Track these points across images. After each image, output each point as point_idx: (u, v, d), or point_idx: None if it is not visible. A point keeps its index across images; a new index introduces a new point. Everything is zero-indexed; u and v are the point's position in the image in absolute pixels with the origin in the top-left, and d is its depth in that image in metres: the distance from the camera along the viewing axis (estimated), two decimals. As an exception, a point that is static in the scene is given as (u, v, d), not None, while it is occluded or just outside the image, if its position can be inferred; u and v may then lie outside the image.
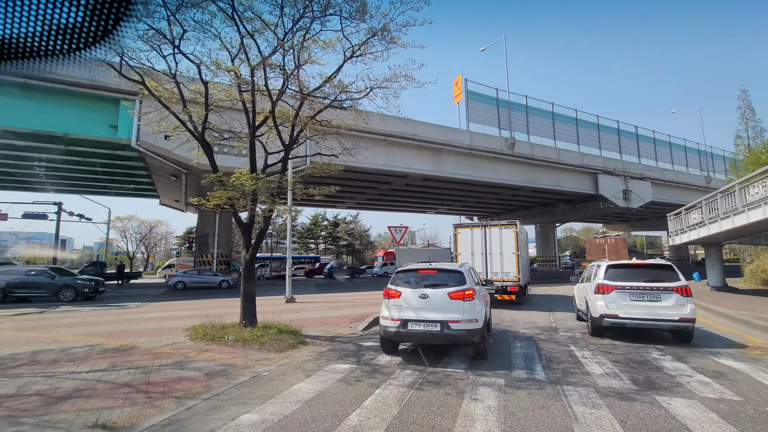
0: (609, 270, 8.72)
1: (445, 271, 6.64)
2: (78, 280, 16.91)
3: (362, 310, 11.72)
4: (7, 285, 15.46)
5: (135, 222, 37.62)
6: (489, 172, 27.97)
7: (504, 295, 13.56)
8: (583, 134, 31.95)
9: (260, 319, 8.72)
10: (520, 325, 9.92)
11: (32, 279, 15.91)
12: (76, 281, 16.74)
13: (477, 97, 27.60)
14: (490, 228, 13.93)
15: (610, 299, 8.34)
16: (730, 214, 12.79)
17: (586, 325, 9.49)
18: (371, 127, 23.51)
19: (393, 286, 6.52)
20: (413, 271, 6.68)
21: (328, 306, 12.79)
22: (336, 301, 14.61)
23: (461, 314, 5.94)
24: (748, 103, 27.83)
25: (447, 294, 6.09)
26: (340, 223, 51.14)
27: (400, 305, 6.22)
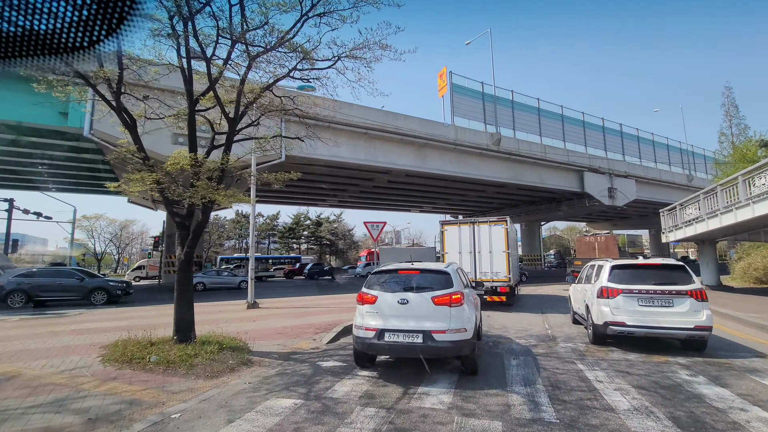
0: (613, 271, 7.47)
1: (429, 271, 5.70)
2: (110, 282, 16.29)
3: (334, 316, 10.20)
4: (32, 288, 14.15)
5: (103, 221, 35.20)
6: (474, 169, 26.79)
7: (494, 296, 12.49)
8: (568, 131, 31.15)
9: (205, 331, 7.16)
10: (513, 332, 8.60)
11: (61, 281, 14.93)
12: (108, 283, 16.09)
13: (462, 90, 26.41)
14: (479, 225, 12.81)
15: (615, 304, 7.11)
16: (732, 208, 11.77)
17: (587, 333, 8.23)
18: (351, 119, 22.14)
19: (368, 289, 5.58)
20: (392, 272, 5.76)
21: (296, 312, 11.22)
22: (308, 305, 13.05)
23: (447, 323, 5.04)
24: (732, 100, 27.42)
25: (431, 299, 5.20)
26: (323, 222, 49.43)
27: (376, 312, 5.31)
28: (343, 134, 22.12)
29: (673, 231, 15.77)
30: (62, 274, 15.54)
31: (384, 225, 11.59)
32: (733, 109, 27.45)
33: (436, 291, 5.29)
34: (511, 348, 6.93)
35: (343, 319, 9.42)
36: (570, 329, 9.01)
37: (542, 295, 17.52)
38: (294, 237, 49.40)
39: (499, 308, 12.83)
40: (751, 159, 22.92)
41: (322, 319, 9.63)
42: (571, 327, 9.35)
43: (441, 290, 5.29)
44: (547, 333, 8.56)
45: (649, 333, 6.85)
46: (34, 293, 14.16)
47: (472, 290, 7.02)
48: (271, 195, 32.50)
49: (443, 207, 41.23)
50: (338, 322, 9.06)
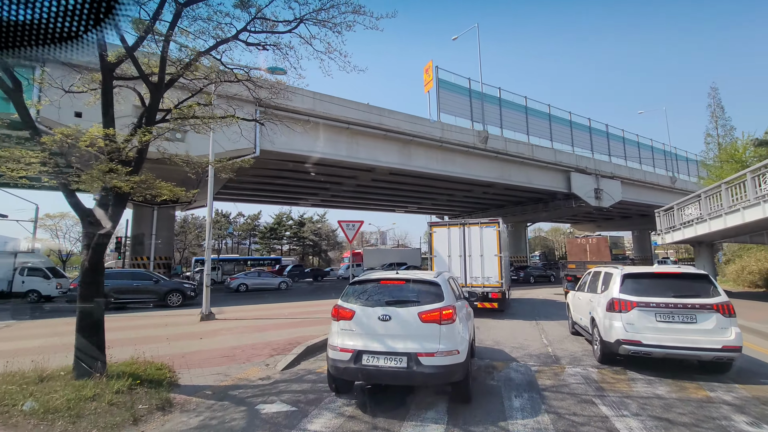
0: (626, 281, 6.24)
1: (417, 282, 4.88)
2: (185, 284, 16.51)
3: (301, 330, 8.70)
4: (110, 290, 13.33)
5: (69, 220, 32.78)
6: (461, 167, 25.63)
7: (485, 302, 11.46)
8: (555, 131, 30.35)
9: (128, 354, 5.62)
10: (508, 349, 7.31)
11: (138, 283, 14.99)
12: (183, 285, 16.26)
13: (449, 86, 25.22)
14: (469, 227, 11.78)
15: (629, 320, 5.91)
16: (738, 207, 10.76)
17: (592, 349, 6.99)
18: (331, 112, 20.64)
19: (344, 302, 4.77)
20: (373, 281, 4.98)
21: (257, 325, 9.58)
22: (275, 315, 11.45)
23: (436, 343, 4.29)
24: (718, 101, 26.91)
25: (417, 315, 4.43)
26: (306, 222, 47.63)
27: (353, 330, 4.52)
28: (324, 129, 20.63)
29: (670, 233, 14.80)
30: (138, 277, 15.46)
31: (361, 224, 10.18)
32: (719, 110, 26.99)
33: (424, 305, 4.49)
34: (508, 375, 5.58)
35: (309, 335, 7.95)
36: (572, 345, 7.75)
37: (533, 300, 16.38)
38: (276, 237, 47.42)
39: (491, 315, 11.74)
40: (739, 159, 22.35)
41: (285, 335, 8.11)
42: (572, 341, 8.10)
43: (430, 304, 4.49)
44: (548, 351, 7.27)
45: (670, 354, 5.65)
46: (113, 296, 13.65)
47: (464, 301, 6.08)
48: (248, 193, 30.76)
49: (429, 207, 40.09)
50: (302, 338, 7.58)
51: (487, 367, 6.08)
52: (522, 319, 11.51)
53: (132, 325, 9.75)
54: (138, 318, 11.11)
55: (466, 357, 4.43)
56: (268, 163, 22.53)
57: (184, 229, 45.82)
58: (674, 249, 68.25)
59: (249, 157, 18.98)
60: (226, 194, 31.12)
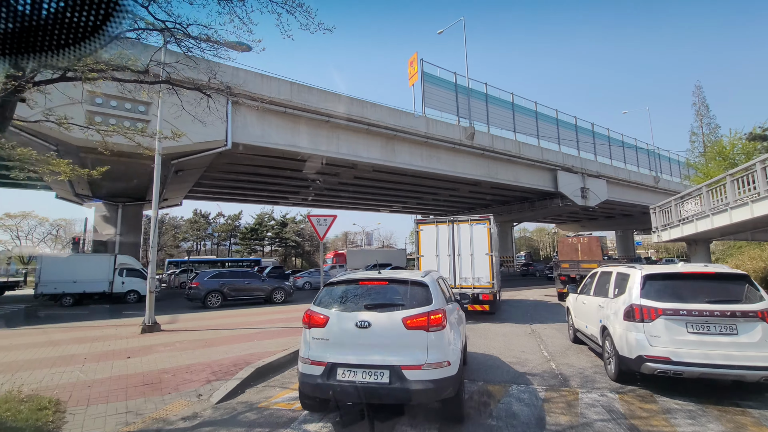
0: (647, 283, 5.07)
1: (401, 282, 4.29)
2: (286, 283, 17.88)
3: (257, 345, 7.28)
4: (228, 289, 15.40)
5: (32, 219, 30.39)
6: (447, 165, 24.50)
7: (475, 305, 10.44)
8: (542, 129, 29.60)
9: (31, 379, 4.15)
10: (505, 365, 6.08)
11: (248, 282, 16.38)
12: (284, 283, 17.54)
13: (434, 80, 24.09)
14: (458, 224, 10.80)
15: (653, 331, 4.76)
16: (747, 200, 9.83)
17: (604, 365, 5.82)
18: (310, 104, 19.18)
19: (317, 307, 4.18)
20: (351, 282, 4.38)
21: (207, 337, 7.97)
22: (236, 324, 9.89)
23: (424, 354, 3.72)
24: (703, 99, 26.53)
25: (401, 321, 3.83)
26: (288, 222, 45.81)
27: (327, 339, 3.92)
28: (303, 121, 19.15)
29: (667, 230, 13.90)
30: (248, 276, 16.98)
31: (333, 219, 8.84)
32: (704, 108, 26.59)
33: (410, 309, 3.91)
34: (510, 411, 4.28)
35: (266, 351, 6.56)
36: (578, 358, 6.57)
37: (524, 301, 15.33)
38: (257, 239, 45.46)
39: (481, 318, 10.71)
40: (727, 156, 21.84)
41: (236, 351, 6.68)
42: (576, 353, 6.94)
43: (416, 308, 3.91)
44: (551, 367, 6.06)
45: (706, 374, 4.51)
46: (229, 293, 15.43)
47: (455, 303, 5.41)
48: (224, 190, 29.04)
49: (414, 207, 38.96)
50: (255, 356, 6.18)
51: (482, 394, 4.82)
52: (515, 322, 10.46)
53: (58, 339, 8.14)
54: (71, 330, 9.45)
55: (458, 369, 3.84)
56: (243, 158, 20.97)
57: (161, 229, 43.54)
58: (655, 249, 68.87)
59: (219, 150, 17.54)
60: (201, 192, 29.30)
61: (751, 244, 16.06)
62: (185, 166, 19.14)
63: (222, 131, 16.91)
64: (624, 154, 36.14)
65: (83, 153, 15.98)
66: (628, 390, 4.95)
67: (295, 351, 6.59)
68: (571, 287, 7.78)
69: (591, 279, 7.07)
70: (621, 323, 5.10)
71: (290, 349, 6.61)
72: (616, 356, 5.21)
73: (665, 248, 64.90)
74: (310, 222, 8.68)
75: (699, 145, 26.10)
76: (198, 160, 18.11)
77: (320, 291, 4.37)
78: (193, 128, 16.24)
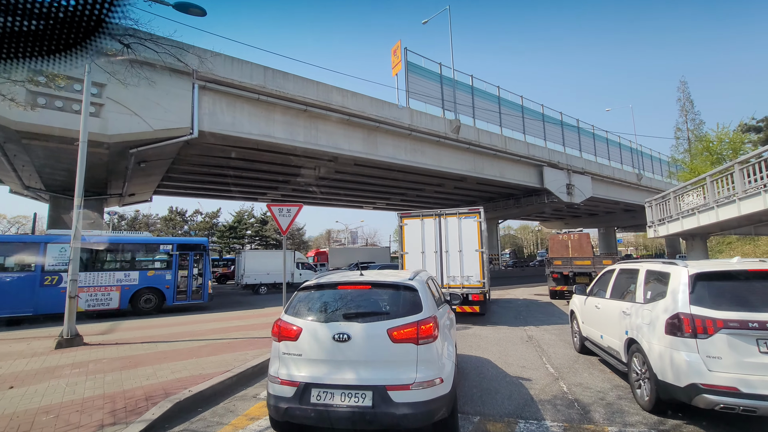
0: (699, 284, 3.82)
1: (387, 286, 3.64)
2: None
3: (196, 363, 5.79)
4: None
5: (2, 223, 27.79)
6: (431, 159, 23.25)
7: (465, 306, 9.39)
8: (528, 124, 28.73)
9: None
10: (503, 384, 4.78)
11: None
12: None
13: (418, 70, 22.79)
14: (446, 218, 9.74)
15: (713, 350, 3.50)
16: (759, 190, 8.82)
17: (631, 389, 4.57)
18: (285, 91, 17.56)
19: (289, 316, 3.55)
20: (328, 287, 3.71)
21: (136, 354, 6.36)
22: (181, 335, 8.10)
23: (412, 371, 3.18)
24: (688, 95, 26.06)
25: (386, 332, 3.27)
26: (268, 220, 43.85)
27: (299, 354, 3.34)
28: (278, 110, 17.53)
29: (665, 224, 12.92)
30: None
31: (299, 209, 7.39)
32: (689, 104, 26.15)
33: (396, 319, 3.35)
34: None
35: (202, 374, 5.08)
36: (591, 375, 5.34)
37: (514, 301, 14.21)
38: (236, 237, 43.36)
39: (471, 320, 9.66)
40: (714, 151, 21.27)
41: (164, 374, 5.15)
42: (586, 366, 5.70)
43: (403, 317, 3.35)
44: (561, 388, 4.81)
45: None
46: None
47: (446, 305, 4.86)
48: (196, 186, 27.13)
49: (398, 203, 37.70)
50: (183, 383, 4.71)
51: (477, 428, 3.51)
52: (508, 325, 9.33)
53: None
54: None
55: (451, 385, 3.37)
56: (215, 149, 19.23)
57: (133, 227, 41.00)
58: (634, 246, 69.49)
59: (184, 139, 15.73)
60: (173, 187, 27.30)
61: (743, 240, 15.29)
62: (147, 157, 17.29)
63: (187, 118, 15.16)
64: (608, 151, 35.72)
65: (25, 139, 14.00)
66: (670, 427, 3.70)
67: (242, 372, 5.15)
68: (578, 288, 6.56)
69: (605, 278, 5.85)
70: (661, 338, 3.85)
71: (234, 370, 5.17)
72: (652, 381, 3.97)
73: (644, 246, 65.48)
74: (271, 212, 7.21)
75: (684, 141, 25.60)
76: (162, 150, 16.30)
77: (293, 297, 3.76)
78: (153, 113, 14.48)
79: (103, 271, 13.17)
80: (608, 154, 35.70)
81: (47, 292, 11.30)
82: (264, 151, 19.62)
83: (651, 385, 4.01)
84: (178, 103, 14.67)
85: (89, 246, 12.68)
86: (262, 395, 4.67)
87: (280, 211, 7.15)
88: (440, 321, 3.75)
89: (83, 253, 12.91)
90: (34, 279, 11.41)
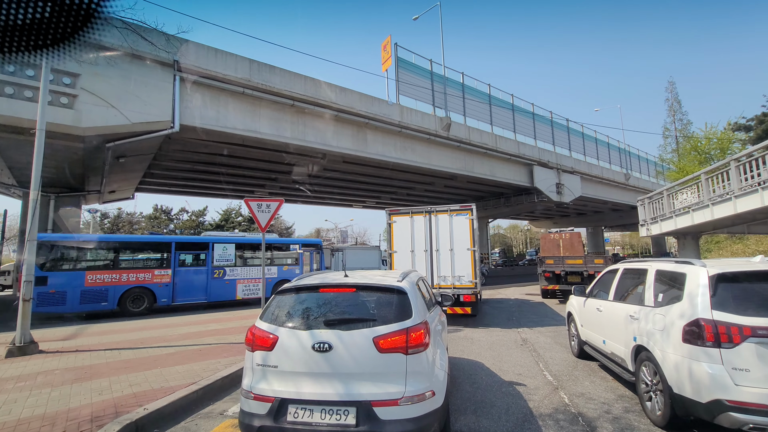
0: (721, 287, 3.38)
1: (372, 290, 3.28)
2: None
3: (159, 375, 5.20)
4: None
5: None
6: (422, 157, 22.81)
7: (456, 307, 8.92)
8: (518, 122, 28.51)
9: None
10: (498, 395, 4.30)
11: None
12: None
13: (409, 66, 22.32)
14: (436, 215, 9.30)
15: (739, 362, 3.06)
16: (758, 187, 8.55)
17: (640, 401, 4.15)
18: (272, 85, 16.89)
19: (264, 323, 3.18)
20: (309, 290, 3.33)
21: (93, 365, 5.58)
22: (149, 341, 7.52)
23: (401, 384, 2.84)
24: (676, 95, 26.14)
25: (372, 341, 2.93)
26: (258, 219, 42.96)
27: (275, 366, 2.98)
28: (264, 104, 16.87)
29: (657, 222, 12.67)
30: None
31: (280, 204, 6.81)
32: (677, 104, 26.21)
33: (383, 326, 2.99)
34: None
35: (163, 387, 4.51)
36: (592, 384, 4.91)
37: (506, 301, 13.85)
38: (224, 235, 42.51)
39: (461, 322, 9.25)
40: (703, 151, 21.26)
41: (117, 388, 4.54)
42: (586, 373, 5.28)
43: (392, 324, 3.00)
44: (562, 399, 4.37)
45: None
46: None
47: (437, 307, 4.56)
48: (180, 183, 26.27)
49: (388, 202, 37.22)
50: (140, 399, 4.13)
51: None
52: (501, 327, 8.93)
53: None
54: None
55: (444, 398, 3.03)
56: (198, 145, 18.47)
57: (116, 225, 39.68)
58: (621, 245, 70.24)
59: (165, 133, 14.94)
60: (156, 184, 26.38)
61: (732, 239, 15.19)
62: (126, 151, 16.49)
63: (168, 111, 14.40)
64: (597, 150, 35.79)
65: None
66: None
67: (211, 384, 4.59)
68: (577, 288, 6.13)
69: (607, 279, 5.43)
70: (678, 346, 3.42)
71: (202, 382, 4.59)
72: (666, 394, 3.54)
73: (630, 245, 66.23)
74: (249, 208, 6.62)
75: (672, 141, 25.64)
76: (141, 144, 15.51)
77: (270, 301, 3.40)
78: (132, 106, 13.69)
79: (253, 267, 16.21)
80: (597, 153, 35.77)
81: (217, 284, 14.72)
82: (250, 147, 18.93)
83: (664, 399, 3.58)
84: (158, 96, 13.94)
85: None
86: (230, 411, 4.13)
87: (259, 207, 6.56)
88: (432, 326, 3.43)
89: (245, 251, 16.67)
90: (208, 272, 14.86)
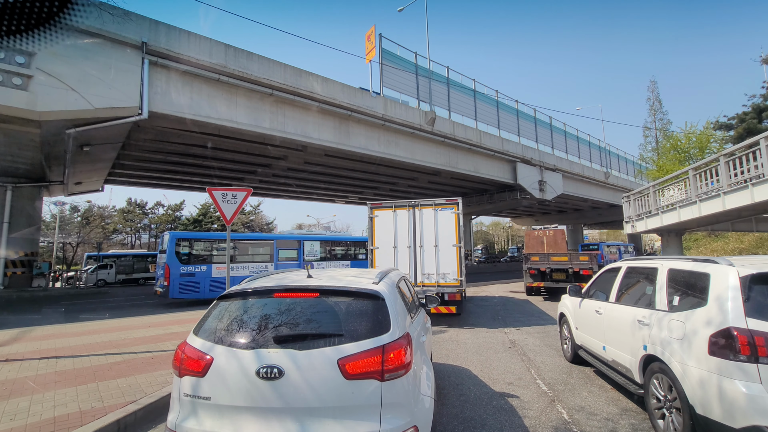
0: (755, 289, 2.82)
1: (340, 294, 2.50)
2: None
3: (102, 390, 4.43)
4: None
5: None
6: (405, 151, 22.19)
7: (441, 306, 8.33)
8: (503, 119, 28.23)
9: None
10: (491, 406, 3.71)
11: None
12: None
13: (393, 58, 21.61)
14: (420, 209, 8.74)
15: None
16: (747, 184, 8.28)
17: (650, 418, 3.62)
18: (250, 73, 15.89)
19: (198, 338, 2.41)
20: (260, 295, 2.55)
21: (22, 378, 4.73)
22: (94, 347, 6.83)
23: (374, 421, 2.13)
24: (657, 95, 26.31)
25: (337, 364, 2.17)
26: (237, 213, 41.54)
27: (207, 398, 2.20)
28: (241, 93, 15.88)
29: (643, 219, 12.45)
30: None
31: (247, 195, 6.05)
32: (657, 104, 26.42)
33: (351, 343, 2.24)
34: None
35: (101, 406, 3.73)
36: (590, 394, 4.39)
37: (490, 299, 13.42)
38: (201, 230, 40.87)
39: (445, 321, 8.75)
40: (682, 149, 21.39)
41: (41, 411, 3.68)
42: (583, 382, 4.76)
43: (363, 340, 2.25)
44: (561, 416, 3.81)
45: None
46: None
47: (420, 310, 3.81)
48: (153, 175, 24.91)
49: (371, 197, 36.55)
50: (65, 425, 3.35)
51: None
52: (486, 327, 8.44)
53: None
54: None
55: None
56: (171, 134, 17.33)
57: (87, 219, 37.59)
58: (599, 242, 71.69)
59: (132, 120, 13.80)
60: (127, 176, 24.94)
61: (710, 237, 15.19)
62: (91, 140, 15.24)
63: (135, 97, 13.27)
64: (578, 149, 35.99)
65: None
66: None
67: (154, 403, 3.84)
68: (571, 288, 5.61)
69: (607, 278, 4.91)
70: (702, 359, 2.88)
71: (142, 400, 3.82)
72: (685, 414, 3.00)
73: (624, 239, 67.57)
74: (212, 197, 5.83)
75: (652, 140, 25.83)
76: (107, 132, 14.33)
77: (208, 309, 2.60)
78: (94, 90, 12.52)
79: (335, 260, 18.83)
80: (578, 151, 35.99)
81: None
82: (227, 138, 17.90)
83: (683, 420, 3.05)
84: (124, 79, 12.81)
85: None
86: (173, 439, 3.40)
87: (224, 197, 5.78)
88: (415, 338, 2.71)
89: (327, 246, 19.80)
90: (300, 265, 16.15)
